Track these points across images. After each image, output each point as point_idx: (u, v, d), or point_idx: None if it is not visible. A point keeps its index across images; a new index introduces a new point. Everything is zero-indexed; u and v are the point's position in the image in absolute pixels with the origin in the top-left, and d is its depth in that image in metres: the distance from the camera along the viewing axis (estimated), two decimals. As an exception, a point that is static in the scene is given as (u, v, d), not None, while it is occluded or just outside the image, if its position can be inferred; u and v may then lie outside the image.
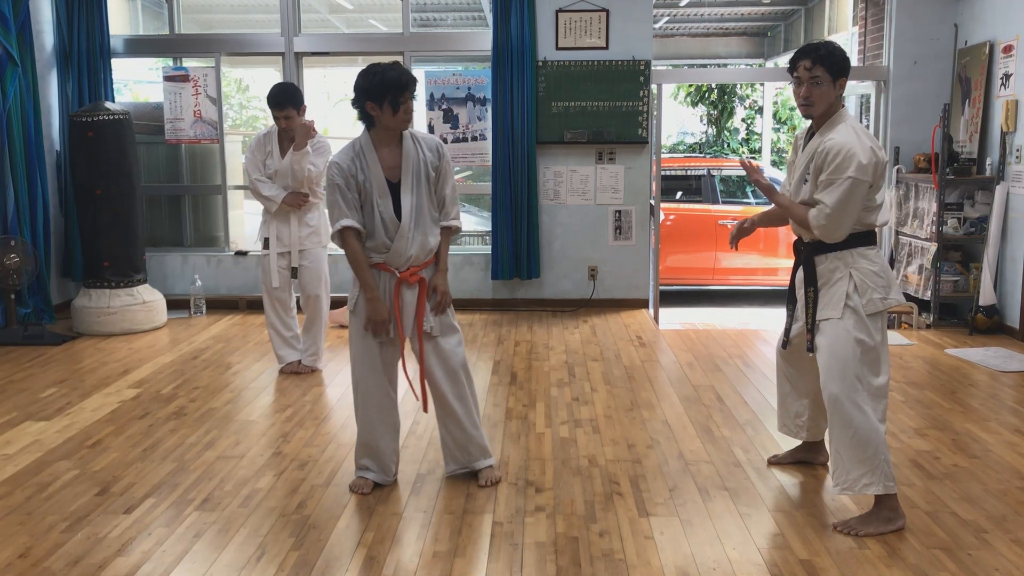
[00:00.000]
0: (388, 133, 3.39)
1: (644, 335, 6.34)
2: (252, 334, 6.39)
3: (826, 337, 3.20)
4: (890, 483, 3.14)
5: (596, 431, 4.26)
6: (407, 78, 3.32)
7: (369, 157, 3.38)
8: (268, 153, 5.12)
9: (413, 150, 3.42)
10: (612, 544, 3.09)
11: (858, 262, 3.18)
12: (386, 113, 3.31)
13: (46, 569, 2.94)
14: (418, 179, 3.42)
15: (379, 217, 3.39)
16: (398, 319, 3.45)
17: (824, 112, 3.22)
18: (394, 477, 3.66)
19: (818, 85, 3.18)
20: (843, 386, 3.13)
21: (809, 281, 3.28)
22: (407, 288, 3.47)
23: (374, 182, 3.37)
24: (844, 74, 3.21)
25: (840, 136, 3.13)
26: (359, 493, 3.54)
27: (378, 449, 3.57)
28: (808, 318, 3.28)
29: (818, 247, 3.24)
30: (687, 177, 9.23)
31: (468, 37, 7.54)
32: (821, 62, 3.16)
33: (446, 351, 3.56)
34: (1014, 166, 6.14)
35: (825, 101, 3.20)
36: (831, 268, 3.22)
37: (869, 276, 3.17)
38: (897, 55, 6.98)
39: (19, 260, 6.18)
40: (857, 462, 3.13)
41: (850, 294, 3.16)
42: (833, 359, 3.16)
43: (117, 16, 7.54)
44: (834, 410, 3.16)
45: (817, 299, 3.25)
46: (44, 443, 4.13)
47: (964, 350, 5.79)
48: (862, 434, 3.11)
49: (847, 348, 3.14)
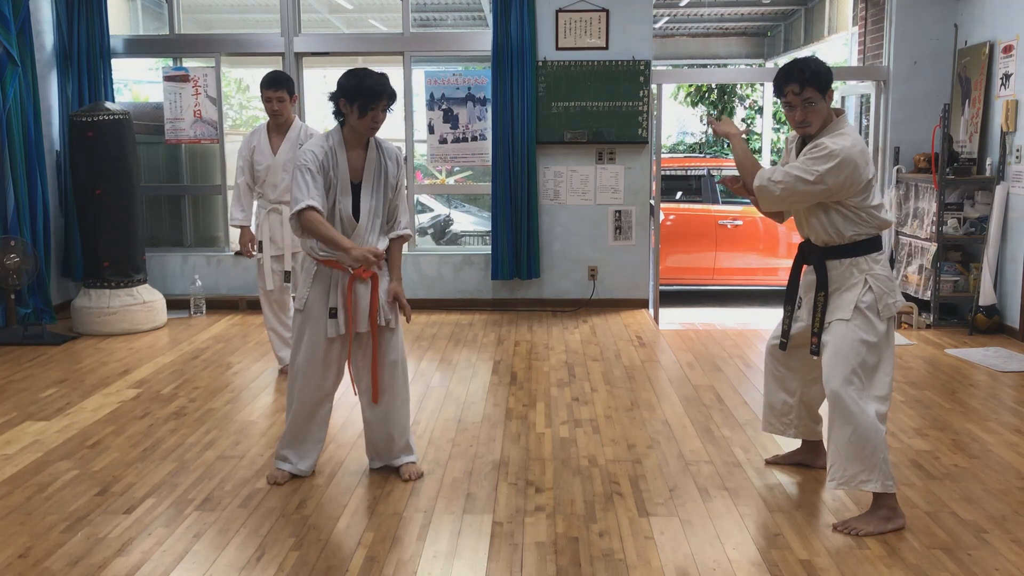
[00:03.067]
0: (355, 135, 3.47)
1: (644, 335, 6.34)
2: (252, 334, 6.39)
3: (833, 336, 3.21)
4: (889, 482, 3.14)
5: (596, 431, 4.26)
6: (382, 90, 3.37)
7: (339, 154, 3.45)
8: (253, 150, 5.10)
9: (376, 156, 3.52)
10: (612, 544, 3.09)
11: (873, 268, 3.21)
12: (354, 114, 3.39)
13: (46, 569, 2.94)
14: (378, 184, 3.52)
15: (339, 215, 3.46)
16: (350, 314, 3.50)
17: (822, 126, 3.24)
18: (312, 470, 3.72)
19: (812, 106, 3.19)
20: (845, 383, 3.13)
21: (820, 286, 3.28)
22: (360, 283, 3.52)
23: (339, 178, 3.45)
24: (831, 85, 3.23)
25: (838, 140, 3.14)
26: (275, 484, 3.62)
27: (303, 443, 3.67)
28: (816, 322, 3.28)
29: (831, 251, 3.25)
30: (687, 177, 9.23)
31: (468, 37, 7.54)
32: (810, 83, 3.17)
33: (386, 346, 3.62)
34: (1014, 166, 6.14)
35: (820, 118, 3.22)
36: (846, 274, 3.23)
37: (884, 282, 3.20)
38: (897, 55, 6.98)
39: (19, 260, 6.18)
40: (855, 459, 3.13)
41: (862, 298, 3.18)
42: (838, 357, 3.17)
43: (117, 16, 7.54)
44: (835, 406, 3.17)
45: (827, 303, 3.25)
46: (44, 443, 4.13)
47: (964, 350, 5.79)
48: (861, 431, 3.11)
49: (852, 347, 3.15)
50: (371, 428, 3.71)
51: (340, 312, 3.50)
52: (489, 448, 4.04)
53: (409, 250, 7.39)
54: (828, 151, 3.10)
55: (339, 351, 3.60)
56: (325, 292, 3.52)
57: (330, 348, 3.57)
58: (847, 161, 3.09)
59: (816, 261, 3.30)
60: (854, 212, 3.18)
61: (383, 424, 3.67)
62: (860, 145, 3.17)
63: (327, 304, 3.51)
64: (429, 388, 5.03)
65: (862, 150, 3.16)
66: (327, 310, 3.51)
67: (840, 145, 3.11)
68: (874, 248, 3.23)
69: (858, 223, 3.19)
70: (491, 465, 3.83)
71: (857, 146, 3.14)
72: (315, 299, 3.53)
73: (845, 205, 3.18)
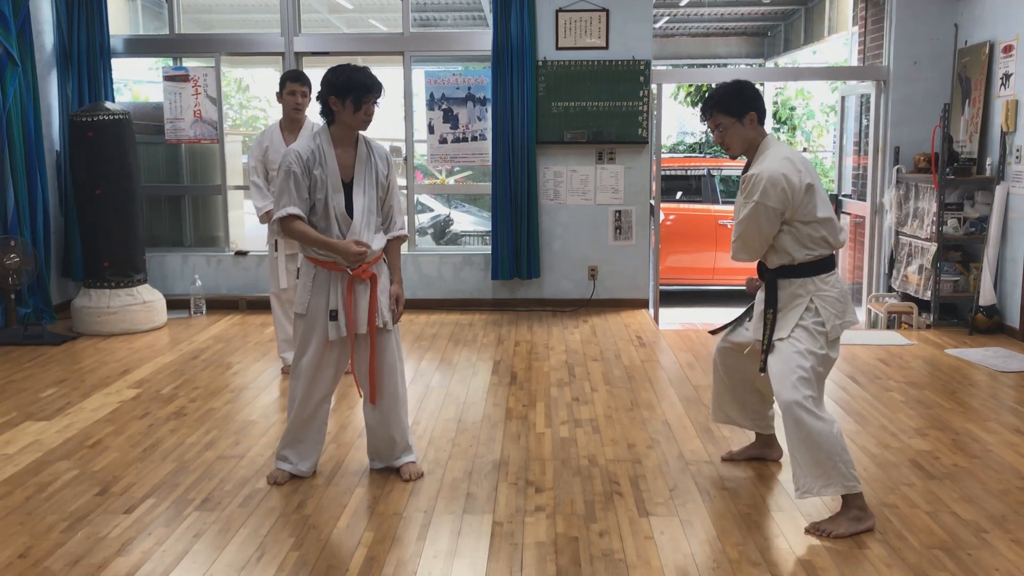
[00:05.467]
0: (346, 132, 3.47)
1: (644, 335, 6.34)
2: (252, 334, 6.39)
3: (778, 354, 3.25)
4: (850, 483, 3.15)
5: (596, 431, 4.26)
6: (373, 82, 3.41)
7: (327, 152, 3.46)
8: (266, 149, 5.10)
9: (366, 153, 3.54)
10: (612, 544, 3.09)
11: (820, 289, 3.24)
12: (347, 110, 3.39)
13: (46, 569, 2.94)
14: (369, 181, 3.53)
15: (332, 213, 3.46)
16: (349, 315, 3.50)
17: (747, 148, 3.33)
18: (312, 471, 3.72)
19: (724, 130, 3.31)
20: (795, 393, 3.16)
21: (769, 303, 3.33)
22: (359, 284, 3.52)
23: (329, 177, 3.45)
24: (750, 109, 3.28)
25: (760, 166, 3.21)
26: (275, 484, 3.62)
27: (303, 444, 3.67)
28: (764, 339, 3.33)
29: (781, 271, 3.29)
30: (687, 177, 9.24)
31: (468, 37, 7.54)
32: (718, 108, 3.30)
33: (383, 348, 3.63)
34: (1014, 166, 6.14)
35: (739, 140, 3.32)
36: (793, 294, 3.27)
37: (831, 303, 3.24)
38: (897, 55, 6.98)
39: (19, 260, 6.18)
40: (814, 466, 3.15)
41: (804, 316, 3.23)
42: (786, 369, 3.20)
43: (117, 16, 7.54)
44: (788, 417, 3.19)
45: (775, 321, 3.30)
46: (44, 443, 4.13)
47: (964, 350, 5.79)
48: (815, 437, 3.13)
49: (798, 359, 3.19)
50: (372, 431, 3.71)
51: (340, 314, 3.50)
52: (489, 448, 4.04)
53: (409, 250, 7.39)
54: (754, 179, 3.19)
55: (339, 353, 3.60)
56: (325, 295, 3.52)
57: (330, 350, 3.57)
58: (774, 178, 3.14)
59: (768, 280, 3.34)
60: (804, 233, 3.21)
61: (384, 426, 3.67)
62: (781, 158, 3.21)
63: (328, 307, 3.52)
64: (429, 388, 5.03)
65: (787, 158, 3.22)
66: (328, 313, 3.51)
67: (762, 168, 3.18)
68: (824, 269, 3.26)
69: (809, 244, 3.22)
70: (491, 465, 3.83)
71: (780, 161, 3.19)
72: (316, 302, 3.52)
73: (793, 225, 3.21)
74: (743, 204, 3.24)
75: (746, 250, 3.32)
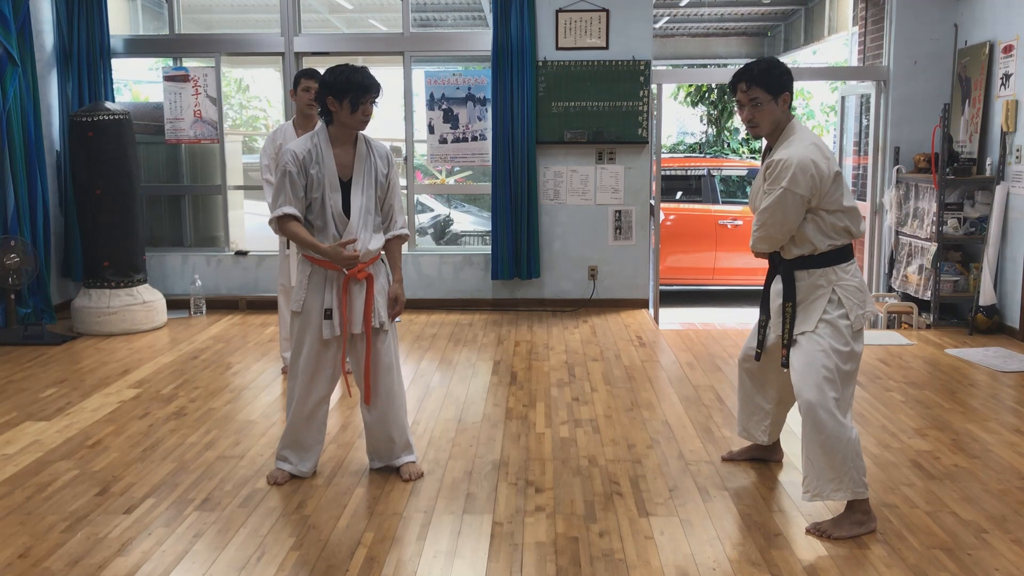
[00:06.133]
0: (344, 131, 3.47)
1: (644, 335, 6.34)
2: (252, 334, 6.39)
3: (801, 349, 3.18)
4: (860, 489, 3.12)
5: (596, 431, 4.26)
6: (371, 82, 3.41)
7: (325, 151, 3.46)
8: (279, 146, 5.10)
9: (366, 153, 3.53)
10: (612, 544, 3.09)
11: (841, 279, 3.17)
12: (344, 110, 3.39)
13: (46, 569, 2.94)
14: (369, 181, 3.52)
15: (330, 212, 3.46)
16: (344, 315, 3.50)
17: (773, 130, 3.21)
18: (313, 471, 3.72)
19: (758, 106, 3.17)
20: (818, 394, 3.10)
21: (788, 296, 3.25)
22: (355, 284, 3.52)
23: (327, 176, 3.45)
24: (785, 89, 3.18)
25: (788, 150, 3.11)
26: (275, 484, 3.62)
27: (303, 444, 3.67)
28: (785, 334, 3.26)
29: (799, 262, 3.21)
30: (687, 177, 9.24)
31: (468, 37, 7.54)
32: (756, 82, 3.16)
33: (379, 349, 3.63)
34: (1014, 166, 6.14)
35: (769, 120, 3.19)
36: (813, 285, 3.19)
37: (852, 293, 3.16)
38: (897, 55, 6.98)
39: (19, 260, 6.18)
40: (827, 468, 3.11)
41: (828, 309, 3.15)
42: (808, 367, 3.14)
43: (117, 16, 7.54)
44: (807, 417, 3.13)
45: (795, 315, 3.23)
46: (44, 443, 4.13)
47: (964, 350, 5.79)
48: (833, 441, 3.09)
49: (822, 358, 3.12)
50: (371, 431, 3.71)
51: (335, 313, 3.50)
52: (489, 448, 4.04)
53: (409, 250, 7.39)
54: (782, 164, 3.08)
55: (335, 353, 3.60)
56: (321, 293, 3.52)
57: (327, 349, 3.57)
58: (804, 164, 3.06)
59: (784, 272, 3.26)
60: (828, 223, 3.14)
61: (382, 426, 3.67)
62: (809, 143, 3.12)
63: (323, 305, 3.52)
64: (429, 388, 5.03)
65: (814, 144, 3.13)
66: (323, 311, 3.51)
67: (790, 154, 3.09)
68: (844, 258, 3.18)
69: (831, 234, 3.15)
70: (491, 465, 3.84)
71: (808, 147, 3.10)
72: (312, 301, 3.53)
73: (818, 214, 3.13)
74: (767, 191, 3.13)
75: (768, 240, 3.20)
